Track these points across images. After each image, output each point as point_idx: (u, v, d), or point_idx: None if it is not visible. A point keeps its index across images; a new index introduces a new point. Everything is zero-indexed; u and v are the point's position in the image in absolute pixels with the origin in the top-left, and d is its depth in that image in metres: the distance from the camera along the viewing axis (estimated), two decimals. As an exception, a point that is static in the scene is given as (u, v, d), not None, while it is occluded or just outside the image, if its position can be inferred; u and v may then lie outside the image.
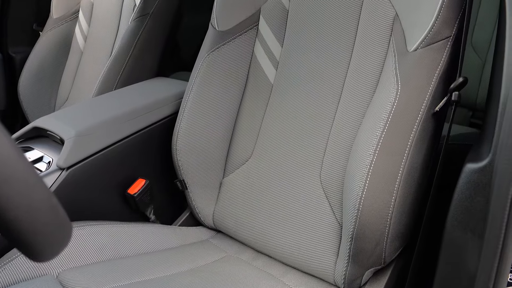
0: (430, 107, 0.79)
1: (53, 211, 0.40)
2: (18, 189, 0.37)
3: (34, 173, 0.39)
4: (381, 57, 0.88)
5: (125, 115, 1.07)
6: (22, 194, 0.37)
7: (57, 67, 1.71)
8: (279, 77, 1.03)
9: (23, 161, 0.38)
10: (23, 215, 0.37)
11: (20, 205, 0.37)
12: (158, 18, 1.44)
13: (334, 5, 0.97)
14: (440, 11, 0.78)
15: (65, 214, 0.42)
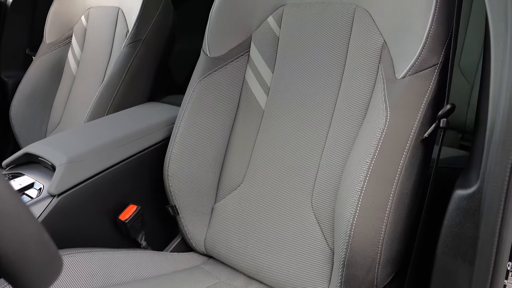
0: (419, 134, 0.80)
1: (44, 247, 0.39)
2: (10, 225, 0.37)
3: (26, 209, 0.39)
4: (371, 84, 0.90)
5: (116, 141, 1.08)
6: (14, 230, 0.37)
7: (50, 91, 1.71)
8: (270, 102, 1.04)
9: (15, 197, 0.38)
10: (14, 251, 0.37)
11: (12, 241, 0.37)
12: (151, 44, 1.45)
13: (324, 32, 0.98)
14: (427, 40, 0.80)
15: (56, 249, 0.41)
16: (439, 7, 0.81)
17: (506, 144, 0.61)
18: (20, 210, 0.38)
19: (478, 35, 1.68)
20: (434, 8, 0.81)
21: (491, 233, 0.63)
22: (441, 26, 0.81)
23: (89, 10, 1.66)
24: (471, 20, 1.71)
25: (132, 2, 1.50)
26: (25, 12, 1.86)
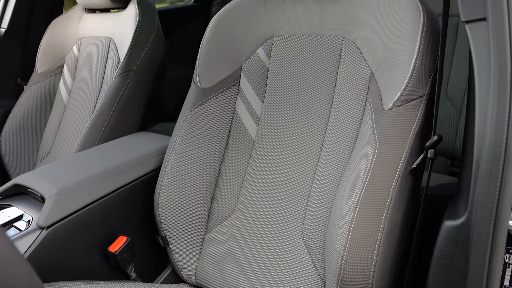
0: (407, 164, 0.81)
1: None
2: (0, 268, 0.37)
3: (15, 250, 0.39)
4: (359, 115, 0.91)
5: (107, 172, 1.07)
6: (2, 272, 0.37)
7: (40, 121, 1.71)
8: (260, 132, 1.05)
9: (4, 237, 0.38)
10: None
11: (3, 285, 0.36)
12: (142, 74, 1.47)
13: (313, 63, 1.00)
14: (413, 72, 0.82)
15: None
16: (424, 39, 0.83)
17: (492, 175, 0.62)
18: (9, 251, 0.38)
19: (464, 62, 1.71)
20: (420, 40, 0.83)
21: (481, 264, 0.64)
22: (427, 58, 0.83)
23: (81, 40, 1.68)
24: (457, 48, 1.74)
25: (123, 33, 1.52)
26: (17, 41, 1.87)
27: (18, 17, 1.82)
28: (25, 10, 1.85)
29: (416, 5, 0.86)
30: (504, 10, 0.66)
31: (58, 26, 1.75)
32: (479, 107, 0.67)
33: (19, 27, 1.84)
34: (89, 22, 1.69)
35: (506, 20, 0.66)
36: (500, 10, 0.66)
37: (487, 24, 0.67)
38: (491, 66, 0.65)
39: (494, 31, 0.65)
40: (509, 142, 0.62)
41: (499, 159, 0.61)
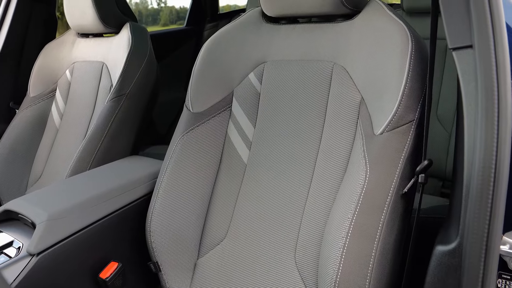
0: (398, 189, 0.82)
1: None
2: None
3: None
4: (350, 139, 0.92)
5: (98, 197, 1.07)
6: None
7: (32, 145, 1.70)
8: (252, 157, 1.06)
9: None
10: None
11: None
12: (134, 98, 1.47)
13: (304, 88, 1.01)
14: (402, 97, 0.83)
15: None
16: (412, 66, 0.84)
17: (482, 200, 0.63)
18: None
19: (453, 84, 1.73)
20: (408, 67, 0.84)
21: (473, 290, 0.64)
22: (416, 84, 0.84)
23: (74, 65, 1.69)
24: (446, 69, 1.77)
25: (116, 58, 1.53)
26: (11, 65, 1.88)
27: (12, 41, 1.83)
28: (19, 35, 1.86)
29: (404, 32, 0.87)
30: (489, 37, 0.68)
31: (51, 51, 1.76)
32: (468, 132, 0.68)
33: (12, 51, 1.85)
34: (82, 46, 1.70)
35: (492, 48, 0.67)
36: (486, 38, 0.68)
37: (473, 51, 0.69)
38: (478, 92, 0.66)
39: (480, 58, 0.67)
40: (498, 167, 0.62)
41: (488, 185, 0.62)
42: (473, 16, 0.69)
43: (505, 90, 0.64)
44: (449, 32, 0.73)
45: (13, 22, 1.81)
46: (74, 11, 1.61)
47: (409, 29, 0.89)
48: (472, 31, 0.69)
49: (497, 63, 0.66)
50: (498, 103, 0.63)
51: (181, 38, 2.79)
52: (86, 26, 1.62)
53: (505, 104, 0.63)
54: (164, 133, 2.54)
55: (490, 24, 0.68)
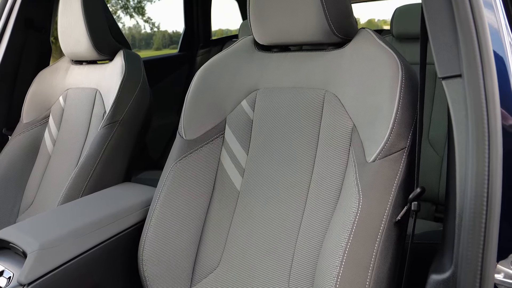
0: (391, 217, 0.82)
1: None
2: None
3: None
4: (342, 166, 0.92)
5: (90, 225, 1.06)
6: None
7: (24, 171, 1.69)
8: (245, 184, 1.05)
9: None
10: None
11: None
12: (127, 125, 1.47)
13: (296, 115, 1.02)
14: (394, 125, 0.84)
15: None
16: (403, 94, 0.86)
17: (475, 230, 0.63)
18: None
19: (444, 108, 1.75)
20: (399, 95, 0.85)
21: (469, 320, 0.63)
22: (407, 112, 0.85)
23: (67, 91, 1.69)
24: (436, 94, 1.79)
25: (109, 84, 1.54)
26: (4, 92, 1.88)
27: (6, 68, 1.84)
28: (13, 62, 1.87)
29: (394, 61, 0.89)
30: (478, 67, 0.69)
31: (45, 77, 1.76)
32: (459, 161, 0.69)
33: (6, 78, 1.85)
34: (76, 73, 1.71)
35: (480, 77, 0.68)
36: (475, 67, 0.69)
37: (462, 80, 0.70)
38: (468, 121, 0.67)
39: (469, 87, 0.68)
40: (490, 196, 0.63)
41: (481, 214, 0.62)
42: (461, 45, 0.71)
43: (495, 120, 0.65)
44: (438, 62, 0.74)
45: (8, 49, 1.81)
46: (68, 39, 1.62)
47: (399, 57, 0.90)
48: (461, 60, 0.71)
49: (486, 92, 0.67)
50: (489, 132, 0.64)
51: (174, 63, 2.82)
52: (80, 54, 1.63)
53: (495, 133, 0.64)
54: (157, 158, 2.53)
55: (478, 53, 0.69)
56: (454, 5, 0.72)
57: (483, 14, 0.71)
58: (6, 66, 1.83)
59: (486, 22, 0.71)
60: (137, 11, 11.84)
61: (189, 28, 2.94)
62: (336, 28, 0.96)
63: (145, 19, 12.00)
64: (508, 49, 0.77)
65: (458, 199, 0.68)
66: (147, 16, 11.84)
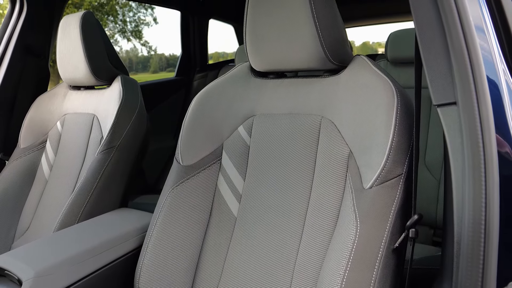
0: (389, 244, 0.81)
1: None
2: None
3: None
4: (339, 193, 0.92)
5: (86, 253, 1.05)
6: None
7: (21, 196, 1.68)
8: (242, 210, 1.05)
9: None
10: None
11: None
12: (124, 150, 1.47)
13: (292, 141, 1.02)
14: (390, 151, 0.84)
15: None
16: (399, 120, 0.86)
17: (474, 259, 0.62)
18: None
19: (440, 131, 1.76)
20: (395, 121, 0.86)
21: None
22: (403, 138, 0.86)
23: (65, 116, 1.70)
24: (432, 117, 1.80)
25: (107, 110, 1.54)
26: (2, 117, 1.88)
27: (4, 93, 1.85)
28: (12, 87, 1.88)
29: (389, 87, 0.90)
30: (472, 94, 0.69)
31: (43, 103, 1.77)
32: (456, 188, 0.69)
33: (4, 103, 1.86)
34: (74, 98, 1.72)
35: (475, 104, 0.69)
36: (469, 95, 0.69)
37: (457, 108, 0.71)
38: (464, 148, 0.67)
39: (464, 115, 0.68)
40: (488, 223, 0.63)
41: (479, 242, 0.62)
42: (455, 73, 0.72)
43: (490, 147, 0.66)
44: (433, 89, 0.75)
45: (6, 75, 1.83)
46: (67, 65, 1.63)
47: (394, 84, 0.91)
48: (455, 88, 0.71)
49: (481, 120, 0.67)
50: (485, 160, 0.64)
51: (171, 88, 2.84)
52: (78, 79, 1.64)
53: (491, 160, 0.64)
54: (153, 182, 2.53)
55: (472, 81, 0.70)
56: (448, 34, 0.73)
57: (476, 42, 0.72)
58: (4, 92, 1.84)
59: (479, 50, 0.72)
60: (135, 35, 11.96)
61: (186, 53, 2.97)
62: (331, 55, 0.98)
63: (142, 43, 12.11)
64: (501, 73, 0.78)
65: (456, 227, 0.68)
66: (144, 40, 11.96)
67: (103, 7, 10.96)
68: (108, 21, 11.29)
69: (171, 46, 14.93)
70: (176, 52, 3.00)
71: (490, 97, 0.70)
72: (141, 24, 12.06)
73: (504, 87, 0.77)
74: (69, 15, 1.64)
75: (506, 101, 0.76)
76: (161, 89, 2.78)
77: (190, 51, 2.98)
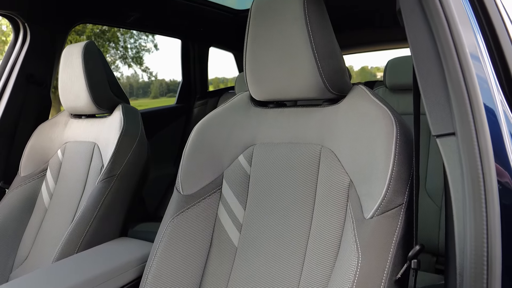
0: (391, 275, 0.81)
1: None
2: None
3: None
4: (340, 222, 0.92)
5: (85, 284, 1.04)
6: None
7: (20, 225, 1.67)
8: (243, 240, 1.04)
9: None
10: None
11: None
12: (125, 179, 1.47)
13: (293, 170, 1.02)
14: (390, 181, 0.84)
15: None
16: (398, 149, 0.86)
17: (476, 291, 0.62)
18: None
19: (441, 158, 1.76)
20: (394, 151, 0.86)
21: None
22: (403, 167, 0.86)
23: (65, 145, 1.70)
24: (431, 144, 1.81)
25: (108, 138, 1.55)
26: (3, 145, 1.89)
27: (6, 122, 1.86)
28: (13, 115, 1.89)
29: (388, 117, 0.90)
30: (471, 125, 0.70)
31: (44, 131, 1.78)
32: (457, 219, 0.68)
33: (5, 131, 1.87)
34: (75, 127, 1.73)
35: (474, 135, 0.69)
36: (468, 125, 0.70)
37: (456, 138, 0.71)
38: (464, 180, 0.67)
39: (463, 146, 0.69)
40: (490, 255, 0.62)
41: (482, 274, 0.62)
42: (453, 104, 0.72)
43: (490, 178, 0.66)
44: (431, 120, 0.75)
45: (8, 104, 1.85)
46: (68, 94, 1.64)
47: (393, 113, 0.91)
48: (454, 118, 0.72)
49: (480, 150, 0.68)
50: (485, 192, 0.64)
51: (172, 115, 2.86)
52: (80, 108, 1.65)
53: (492, 192, 0.64)
54: (153, 209, 2.52)
55: (470, 112, 0.71)
56: (444, 65, 0.74)
57: (473, 73, 0.73)
58: (6, 120, 1.86)
59: (476, 81, 0.73)
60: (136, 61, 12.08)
61: (186, 80, 3.00)
62: (330, 85, 0.98)
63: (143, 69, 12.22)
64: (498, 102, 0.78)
65: (458, 258, 0.67)
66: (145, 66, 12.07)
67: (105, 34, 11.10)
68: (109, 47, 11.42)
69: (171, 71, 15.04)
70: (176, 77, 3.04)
71: (488, 126, 0.70)
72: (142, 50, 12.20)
73: (502, 116, 0.78)
74: (71, 45, 1.66)
75: (504, 130, 0.76)
76: (161, 116, 2.79)
77: (191, 79, 3.01)
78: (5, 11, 1.82)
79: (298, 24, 0.97)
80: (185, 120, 2.93)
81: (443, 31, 0.74)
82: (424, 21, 0.79)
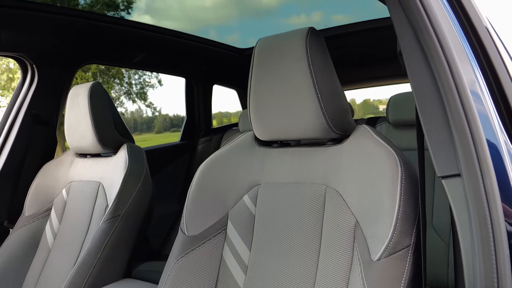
0: (401, 319, 0.79)
1: None
2: None
3: None
4: (347, 264, 0.90)
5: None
6: None
7: (24, 265, 1.65)
8: (248, 282, 1.03)
9: None
10: None
11: None
12: (129, 219, 1.47)
13: (298, 210, 1.02)
14: (397, 222, 0.83)
15: None
16: (404, 190, 0.86)
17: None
18: None
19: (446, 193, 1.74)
20: (400, 191, 0.86)
21: None
22: (409, 208, 0.85)
23: (70, 184, 1.70)
24: (437, 180, 1.80)
25: (113, 178, 1.55)
26: (8, 185, 1.90)
27: (12, 161, 1.87)
28: (19, 154, 1.91)
29: (393, 157, 0.90)
30: (476, 166, 0.70)
31: (49, 170, 1.79)
32: (466, 262, 0.67)
33: (11, 171, 1.88)
34: (80, 166, 1.73)
35: (479, 176, 0.69)
36: (472, 166, 0.70)
37: (462, 180, 0.71)
38: (471, 223, 0.66)
39: (469, 188, 0.68)
40: (500, 300, 0.61)
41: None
42: (457, 145, 0.72)
43: (497, 219, 0.65)
44: (436, 160, 0.75)
45: (14, 144, 1.86)
46: (74, 134, 1.66)
47: (397, 153, 0.92)
48: (458, 160, 0.72)
49: (486, 192, 0.67)
50: (493, 235, 0.63)
51: (176, 152, 2.87)
52: (85, 148, 1.66)
53: (500, 235, 0.64)
54: (158, 248, 2.49)
55: (475, 152, 0.71)
56: (447, 106, 0.74)
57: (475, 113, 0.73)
58: (11, 160, 1.87)
59: (479, 121, 0.73)
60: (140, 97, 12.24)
61: (190, 117, 3.03)
62: (334, 125, 0.99)
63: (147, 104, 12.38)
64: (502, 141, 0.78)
65: None
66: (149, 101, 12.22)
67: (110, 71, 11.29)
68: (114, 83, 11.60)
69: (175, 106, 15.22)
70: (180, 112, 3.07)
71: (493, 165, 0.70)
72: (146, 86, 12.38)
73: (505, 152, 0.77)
74: (78, 85, 1.69)
75: (508, 166, 0.76)
76: (166, 153, 2.81)
77: (195, 116, 3.04)
78: (14, 53, 1.86)
79: (301, 64, 0.98)
80: (190, 157, 2.94)
81: (444, 72, 0.75)
82: (425, 62, 0.80)
